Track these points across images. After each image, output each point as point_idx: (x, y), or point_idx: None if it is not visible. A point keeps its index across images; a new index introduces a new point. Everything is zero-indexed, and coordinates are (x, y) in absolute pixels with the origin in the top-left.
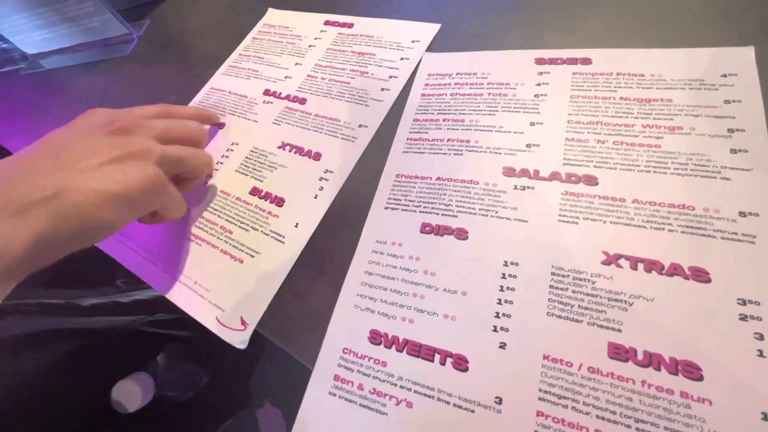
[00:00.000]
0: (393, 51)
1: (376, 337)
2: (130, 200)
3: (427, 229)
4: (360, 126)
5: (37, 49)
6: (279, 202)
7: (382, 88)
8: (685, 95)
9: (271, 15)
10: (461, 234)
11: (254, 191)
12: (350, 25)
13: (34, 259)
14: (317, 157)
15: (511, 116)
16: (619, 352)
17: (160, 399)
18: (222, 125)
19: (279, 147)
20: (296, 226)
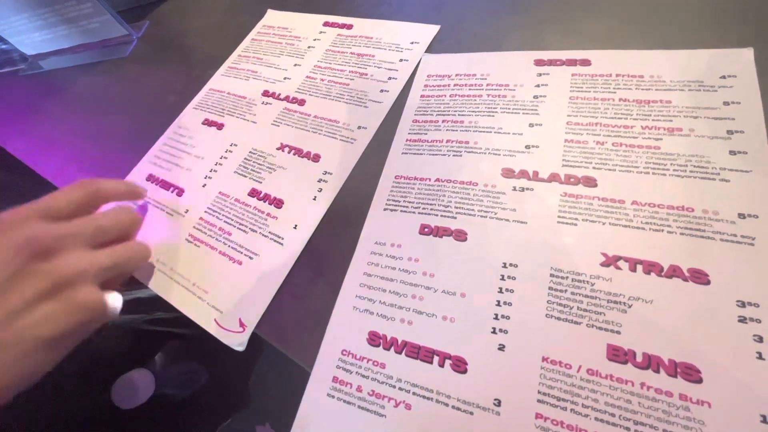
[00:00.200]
0: (392, 52)
1: (374, 339)
2: (69, 336)
3: (426, 230)
4: (359, 127)
5: (37, 50)
6: (278, 203)
7: (382, 90)
8: (685, 97)
9: (271, 16)
10: (460, 235)
11: (253, 192)
12: (349, 27)
13: None
14: (316, 158)
15: (510, 117)
16: (618, 354)
17: (160, 397)
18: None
19: (278, 148)
20: (295, 227)
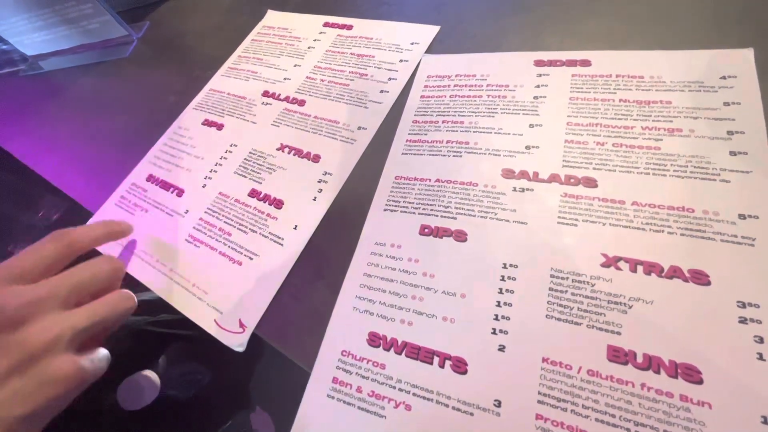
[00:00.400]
0: (392, 53)
1: (374, 340)
2: (46, 411)
3: (426, 230)
4: (359, 128)
5: (37, 50)
6: (278, 204)
7: (381, 90)
8: (685, 97)
9: (271, 17)
10: (460, 236)
11: (253, 193)
12: (349, 27)
13: None
14: (316, 159)
15: (510, 118)
16: (618, 355)
17: (163, 397)
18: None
19: (278, 149)
20: (295, 228)
